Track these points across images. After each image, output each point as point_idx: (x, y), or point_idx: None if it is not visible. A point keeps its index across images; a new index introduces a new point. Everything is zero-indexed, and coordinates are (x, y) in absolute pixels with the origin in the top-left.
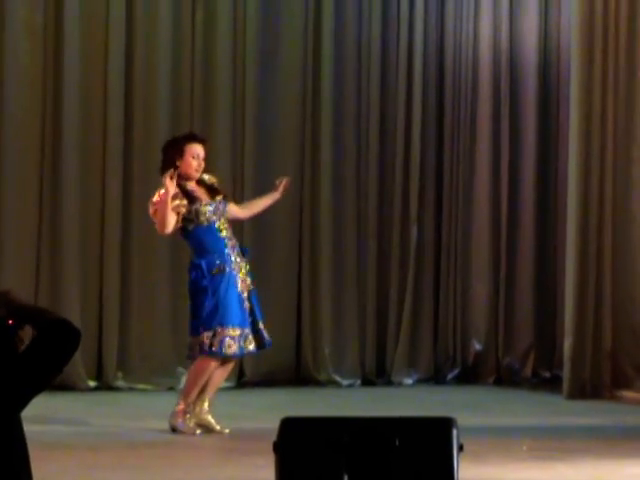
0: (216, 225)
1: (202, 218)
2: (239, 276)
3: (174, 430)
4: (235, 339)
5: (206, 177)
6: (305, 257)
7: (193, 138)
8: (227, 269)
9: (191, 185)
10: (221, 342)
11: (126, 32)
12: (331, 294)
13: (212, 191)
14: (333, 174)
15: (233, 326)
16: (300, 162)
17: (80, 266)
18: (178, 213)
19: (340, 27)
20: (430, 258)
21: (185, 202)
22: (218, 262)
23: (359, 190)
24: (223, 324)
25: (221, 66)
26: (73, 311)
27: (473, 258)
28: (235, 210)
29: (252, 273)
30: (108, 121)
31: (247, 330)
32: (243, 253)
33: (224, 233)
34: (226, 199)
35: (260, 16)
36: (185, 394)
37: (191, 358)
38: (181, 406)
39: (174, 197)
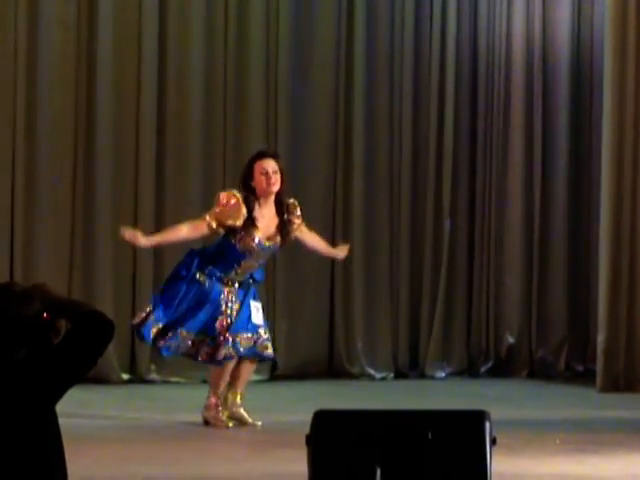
0: (243, 261)
1: (240, 246)
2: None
3: (207, 423)
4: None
5: (291, 207)
6: None
7: (260, 156)
8: (207, 283)
9: (264, 210)
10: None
11: (159, 25)
12: (364, 287)
13: (282, 231)
14: (366, 169)
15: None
16: (333, 157)
17: (113, 258)
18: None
19: (372, 25)
20: (463, 251)
21: (239, 223)
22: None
23: (392, 185)
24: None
25: (253, 63)
26: (106, 304)
27: (506, 251)
28: (310, 238)
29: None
30: (141, 117)
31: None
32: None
33: (239, 270)
34: (281, 247)
35: (293, 12)
36: (213, 387)
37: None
38: (212, 399)
39: (236, 214)
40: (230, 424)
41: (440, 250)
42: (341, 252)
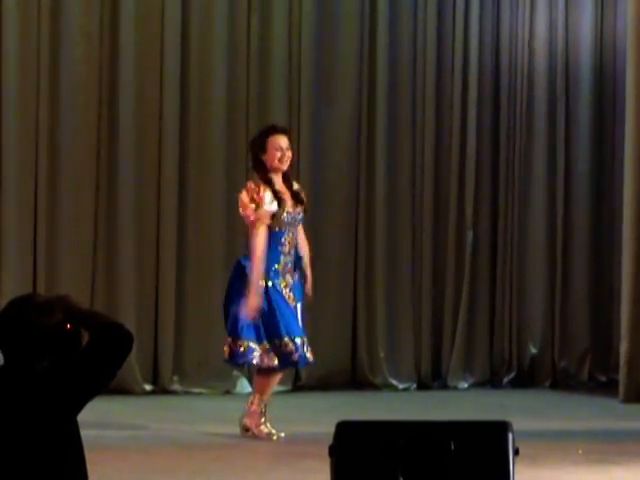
0: (283, 237)
1: (276, 223)
2: (284, 290)
3: (247, 431)
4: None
5: (293, 183)
6: (360, 260)
7: (274, 130)
8: (269, 283)
9: (279, 183)
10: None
11: (181, 35)
12: (386, 297)
13: (297, 199)
14: (387, 179)
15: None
16: (355, 169)
17: (136, 269)
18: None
19: (394, 35)
20: (485, 262)
21: (275, 207)
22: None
23: (414, 195)
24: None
25: (276, 68)
26: (129, 315)
27: (529, 262)
28: (302, 235)
29: (300, 286)
30: (163, 126)
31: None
32: (295, 267)
33: (285, 247)
34: (305, 214)
35: (315, 16)
36: (259, 394)
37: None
38: (254, 406)
39: (261, 200)
40: (275, 437)
41: (462, 260)
42: (308, 287)
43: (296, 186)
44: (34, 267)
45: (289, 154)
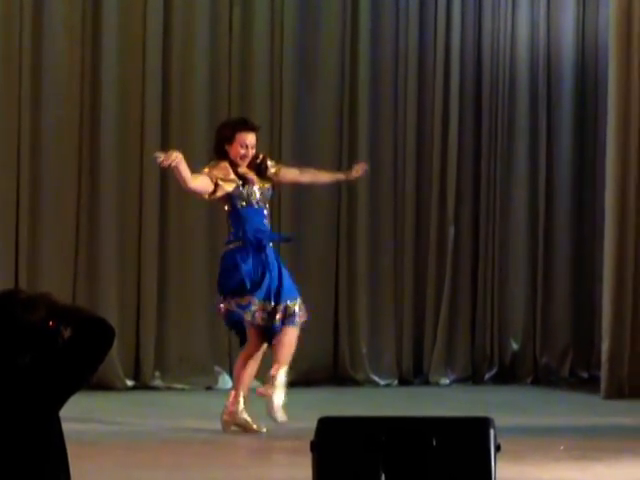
0: (264, 212)
1: (253, 200)
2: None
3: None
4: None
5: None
6: (342, 255)
7: (244, 126)
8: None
9: (242, 169)
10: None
11: (164, 25)
12: (368, 294)
13: (261, 175)
14: (370, 172)
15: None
16: (336, 162)
17: (117, 264)
18: (217, 184)
19: (377, 20)
20: (467, 258)
21: (235, 183)
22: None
23: (396, 191)
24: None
25: (258, 59)
26: (110, 310)
27: (510, 258)
28: (295, 175)
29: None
30: (145, 118)
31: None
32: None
33: (267, 222)
34: (273, 188)
35: (297, 6)
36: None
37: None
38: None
39: (226, 179)
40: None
41: (444, 256)
42: (347, 174)
43: (258, 160)
44: (16, 263)
45: (252, 152)
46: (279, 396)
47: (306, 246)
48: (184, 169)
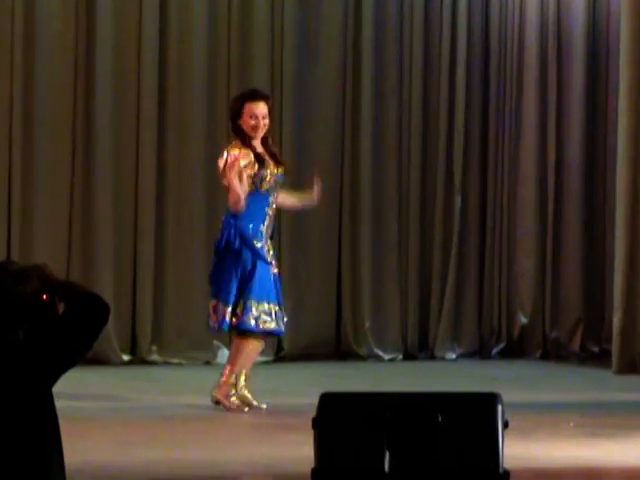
0: (270, 199)
1: (264, 185)
2: (268, 255)
3: (217, 403)
4: (272, 315)
5: (274, 149)
6: (345, 225)
7: (252, 97)
8: (258, 245)
9: (259, 146)
10: (257, 318)
11: (160, 6)
12: (372, 265)
13: (275, 160)
14: (374, 145)
15: (269, 301)
16: (340, 135)
17: (113, 236)
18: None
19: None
20: (474, 228)
21: (256, 167)
22: (252, 233)
23: (401, 161)
24: (261, 299)
25: (258, 28)
26: (106, 281)
27: (519, 228)
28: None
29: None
30: (141, 92)
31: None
32: (272, 236)
33: (270, 210)
34: (287, 173)
35: None
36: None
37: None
38: (230, 378)
39: (248, 164)
40: (246, 409)
41: (451, 227)
42: (312, 199)
43: (274, 149)
44: (8, 237)
45: (265, 122)
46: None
47: (308, 215)
48: (244, 190)
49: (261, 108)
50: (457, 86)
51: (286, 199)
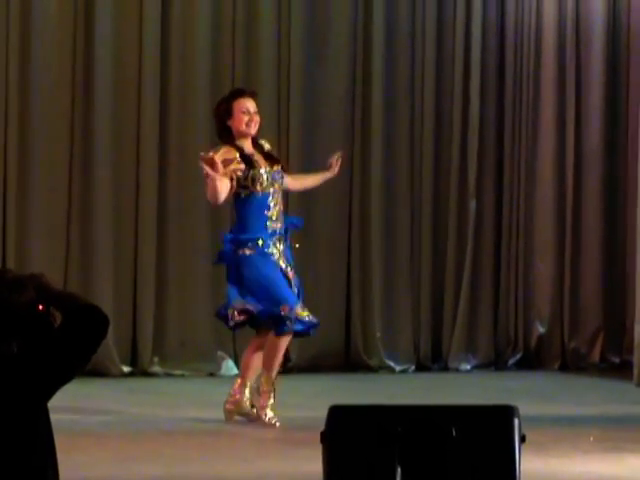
0: (269, 200)
1: (258, 186)
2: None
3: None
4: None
5: (264, 144)
6: (355, 231)
7: (240, 93)
8: (260, 249)
9: (248, 147)
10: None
11: (161, 8)
12: (383, 273)
13: (269, 158)
14: (385, 146)
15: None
16: (350, 136)
17: (113, 243)
18: (232, 179)
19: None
20: (490, 235)
21: (243, 166)
22: (251, 242)
23: (413, 164)
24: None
25: (264, 28)
26: (105, 289)
27: (536, 235)
28: (287, 180)
29: (292, 257)
30: (142, 94)
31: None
32: (285, 238)
33: (272, 211)
34: (283, 170)
35: None
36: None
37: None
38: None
39: (231, 161)
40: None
41: (465, 233)
42: (329, 172)
43: (267, 146)
44: (3, 246)
45: (257, 118)
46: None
47: (317, 223)
48: (221, 183)
49: (251, 104)
50: (471, 88)
51: (305, 180)
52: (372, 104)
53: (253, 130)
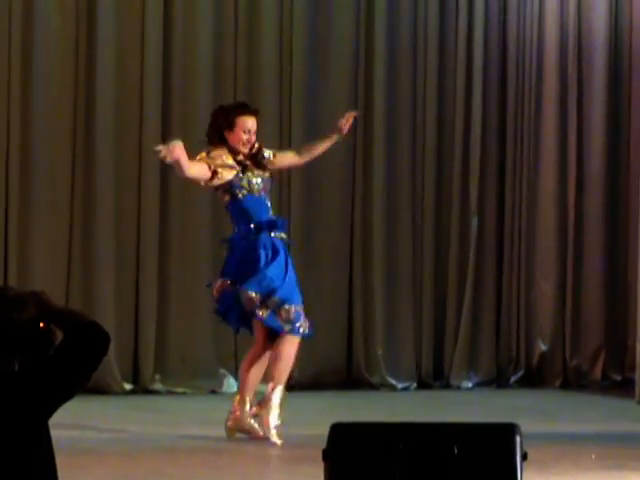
0: (267, 201)
1: (255, 188)
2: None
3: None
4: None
5: (266, 153)
6: (357, 247)
7: (245, 110)
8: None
9: (240, 157)
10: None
11: (164, 1)
12: (385, 290)
13: (259, 165)
14: (386, 162)
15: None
16: (351, 149)
17: (115, 261)
18: (215, 172)
19: (394, 2)
20: (491, 252)
21: (238, 169)
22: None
23: (414, 180)
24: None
25: (266, 35)
26: (107, 307)
27: (538, 252)
28: (291, 158)
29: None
30: (144, 100)
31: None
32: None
33: (271, 213)
34: (273, 177)
35: None
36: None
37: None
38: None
39: (225, 166)
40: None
41: (466, 250)
42: (337, 135)
43: (254, 150)
44: (5, 261)
45: (253, 139)
46: (273, 417)
47: (318, 238)
48: (184, 160)
49: (253, 123)
50: (473, 104)
51: (313, 150)
52: (374, 112)
53: (246, 150)
